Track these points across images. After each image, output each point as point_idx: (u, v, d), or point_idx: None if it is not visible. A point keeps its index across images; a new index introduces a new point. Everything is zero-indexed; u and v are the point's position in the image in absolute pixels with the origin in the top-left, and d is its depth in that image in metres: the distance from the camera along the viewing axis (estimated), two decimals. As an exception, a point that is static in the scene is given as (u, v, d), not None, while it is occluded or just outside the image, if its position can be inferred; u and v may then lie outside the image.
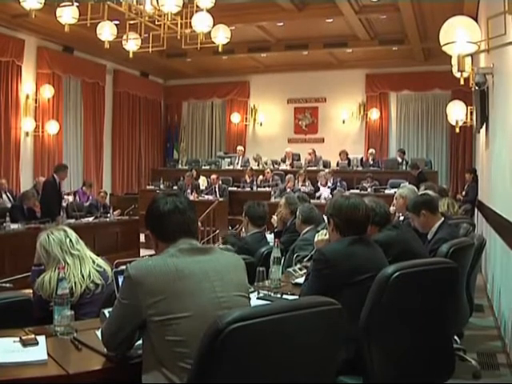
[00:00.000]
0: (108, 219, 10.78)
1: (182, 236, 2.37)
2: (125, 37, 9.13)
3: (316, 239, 4.04)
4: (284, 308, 1.98)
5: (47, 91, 13.52)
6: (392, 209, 6.11)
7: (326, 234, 3.89)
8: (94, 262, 3.58)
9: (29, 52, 13.16)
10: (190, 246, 2.34)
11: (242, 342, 1.85)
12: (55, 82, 13.88)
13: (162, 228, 2.42)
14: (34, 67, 13.49)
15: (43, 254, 3.52)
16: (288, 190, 12.64)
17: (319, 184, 12.94)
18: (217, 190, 13.75)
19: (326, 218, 3.45)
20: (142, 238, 11.68)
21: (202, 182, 14.65)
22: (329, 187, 13.22)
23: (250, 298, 2.42)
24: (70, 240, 3.56)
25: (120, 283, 2.58)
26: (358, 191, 12.56)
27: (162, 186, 14.45)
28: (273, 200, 12.24)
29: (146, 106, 17.62)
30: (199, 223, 7.73)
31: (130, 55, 9.35)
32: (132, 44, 9.25)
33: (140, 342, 2.32)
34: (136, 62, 13.59)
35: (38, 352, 2.43)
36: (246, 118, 17.74)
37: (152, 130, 17.93)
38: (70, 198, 12.67)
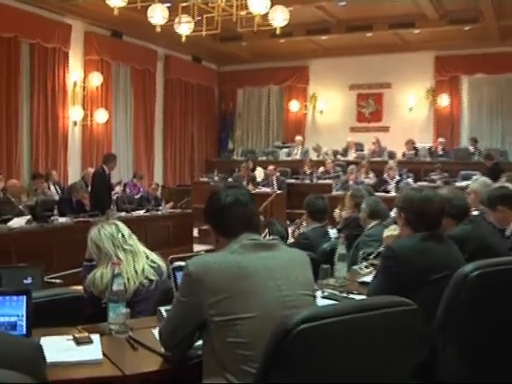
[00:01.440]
0: (160, 212, 10.92)
1: (244, 230, 2.36)
2: (177, 20, 9.20)
3: (385, 235, 3.99)
4: (356, 308, 1.96)
5: (95, 78, 13.75)
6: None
7: (395, 230, 3.83)
8: (147, 257, 3.61)
9: (76, 38, 13.39)
10: (253, 241, 2.32)
11: (312, 343, 1.83)
12: (104, 69, 14.10)
13: (222, 222, 2.41)
14: (82, 54, 13.72)
15: (94, 249, 3.57)
16: (350, 182, 12.53)
17: (386, 176, 12.75)
18: (274, 182, 13.75)
19: (395, 212, 3.40)
20: (196, 232, 11.80)
21: (259, 173, 14.67)
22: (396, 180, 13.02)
23: (315, 297, 2.40)
24: (123, 235, 3.60)
25: (178, 280, 2.59)
26: (425, 184, 12.33)
27: (216, 178, 14.56)
28: (334, 193, 12.16)
29: (199, 94, 17.74)
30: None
31: (183, 39, 9.42)
32: (184, 27, 9.31)
33: (200, 342, 2.32)
34: (188, 46, 13.67)
35: (93, 351, 2.47)
36: (305, 106, 17.65)
37: (205, 118, 18.05)
38: (119, 190, 12.90)
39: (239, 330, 2.12)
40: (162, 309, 2.82)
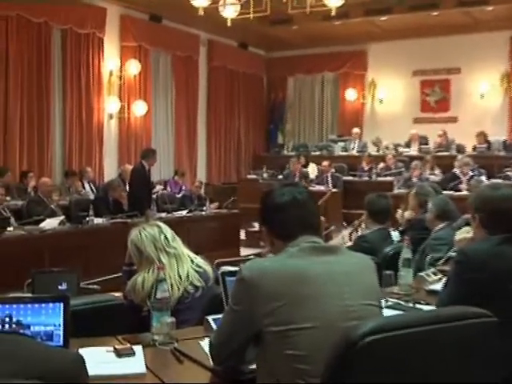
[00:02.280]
0: (204, 213, 10.99)
1: (303, 233, 2.34)
2: (221, 2, 9.24)
3: (457, 238, 3.94)
4: (426, 320, 1.94)
5: (133, 67, 13.89)
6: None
7: (468, 232, 3.78)
8: (192, 261, 3.63)
9: (111, 22, 13.54)
10: (313, 244, 2.31)
11: (378, 357, 1.83)
12: (142, 56, 14.25)
13: (278, 223, 2.41)
14: (118, 40, 13.89)
15: (135, 252, 3.60)
16: (414, 179, 12.39)
17: (459, 172, 12.52)
18: (329, 179, 13.71)
19: (468, 213, 3.35)
20: (243, 234, 11.85)
21: (312, 170, 14.64)
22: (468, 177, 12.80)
23: (382, 308, 2.38)
24: (165, 237, 3.63)
25: (228, 286, 2.60)
26: (500, 181, 12.10)
27: (264, 175, 14.58)
28: (395, 191, 12.05)
29: (246, 83, 17.80)
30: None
31: (228, 23, 9.46)
32: (230, 10, 9.35)
33: (253, 354, 2.32)
34: (234, 30, 13.68)
35: (135, 363, 2.49)
36: (363, 95, 17.55)
37: (253, 110, 18.11)
38: (160, 189, 13.03)
39: (297, 341, 2.11)
40: (210, 318, 2.83)
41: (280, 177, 14.35)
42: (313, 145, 16.94)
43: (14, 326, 2.45)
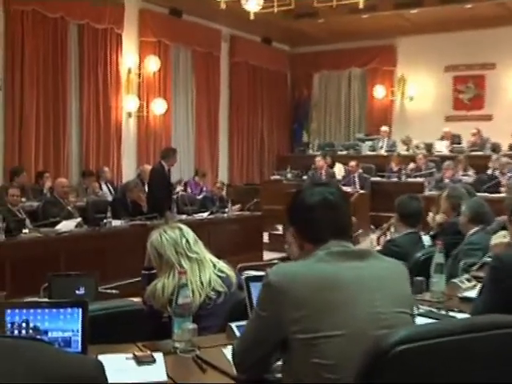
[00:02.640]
0: (225, 215, 11.01)
1: (333, 237, 2.33)
2: (245, -5, 9.25)
3: (492, 242, 3.91)
4: (461, 328, 1.92)
5: (152, 63, 13.95)
6: None
7: (505, 237, 3.75)
8: (214, 265, 3.64)
9: (130, 17, 13.61)
10: (343, 248, 2.30)
11: (410, 367, 1.82)
12: (161, 53, 14.30)
13: (307, 226, 2.39)
14: (137, 35, 13.95)
15: (155, 256, 3.61)
16: (446, 180, 12.33)
17: (498, 173, 12.40)
18: (356, 180, 13.67)
19: (504, 215, 3.32)
20: (266, 237, 11.86)
21: (338, 170, 14.62)
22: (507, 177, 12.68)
23: (414, 317, 2.36)
24: (187, 240, 3.64)
25: (252, 292, 2.60)
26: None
27: (288, 176, 14.61)
28: (426, 193, 11.99)
29: (269, 79, 17.82)
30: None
31: (251, 17, 9.46)
32: (253, 3, 9.37)
33: (279, 363, 2.32)
34: (257, 25, 13.71)
35: (156, 372, 2.50)
36: (392, 92, 17.49)
37: (276, 108, 18.13)
38: (181, 190, 13.05)
39: (324, 349, 2.10)
40: (234, 325, 2.84)
41: (305, 177, 14.34)
42: (339, 144, 16.90)
43: (30, 331, 2.48)
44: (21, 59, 11.52)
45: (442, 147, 15.03)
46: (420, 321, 3.18)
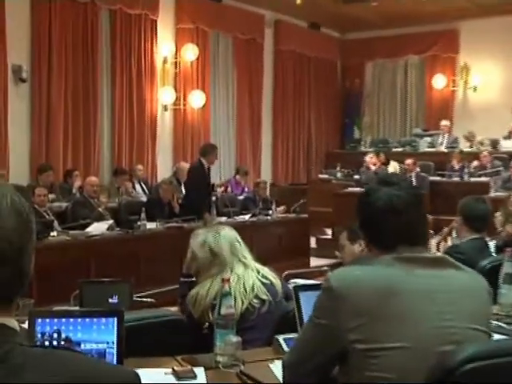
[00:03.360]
0: (269, 217, 11.02)
1: (403, 243, 2.31)
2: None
3: None
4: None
5: (190, 52, 13.99)
6: None
7: None
8: (258, 272, 3.64)
9: (165, 2, 13.68)
10: (413, 254, 2.28)
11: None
12: (200, 40, 14.35)
13: (372, 231, 2.40)
14: (173, 21, 14.03)
15: (206, 256, 3.62)
16: (514, 180, 12.18)
17: None
18: (413, 179, 13.52)
19: None
20: (313, 242, 11.84)
21: (393, 169, 14.51)
22: None
23: (490, 335, 2.32)
24: (239, 242, 3.68)
25: (302, 303, 2.59)
26: None
27: (338, 175, 14.57)
28: (492, 194, 11.85)
29: (317, 69, 17.79)
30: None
31: (297, 1, 9.44)
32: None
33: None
34: (304, 9, 13.73)
35: (197, 388, 2.52)
36: (454, 82, 17.33)
37: (325, 100, 18.09)
38: (220, 191, 13.09)
39: (384, 362, 2.10)
40: (281, 338, 2.84)
41: (356, 177, 14.28)
42: (394, 140, 16.81)
43: (62, 342, 2.50)
44: (48, 49, 11.60)
45: (510, 143, 14.84)
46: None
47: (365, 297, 2.16)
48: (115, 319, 2.55)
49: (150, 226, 9.12)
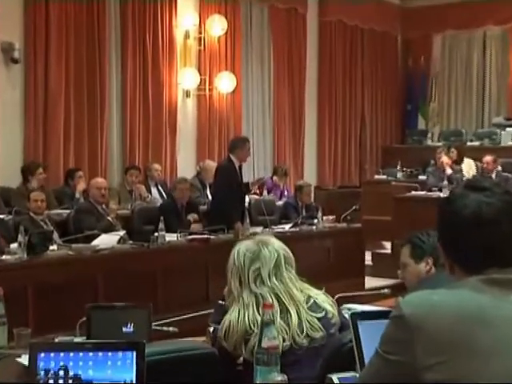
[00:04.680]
0: (314, 227, 10.97)
1: (493, 262, 2.29)
2: None
3: None
4: None
5: (216, 26, 13.99)
6: None
7: None
8: (307, 299, 3.60)
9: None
10: (507, 276, 2.25)
11: None
12: (228, 11, 14.35)
13: (455, 247, 2.36)
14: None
15: (246, 271, 3.61)
16: None
17: None
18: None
19: None
20: (368, 257, 11.79)
21: (467, 167, 14.39)
22: None
23: None
24: (288, 261, 3.66)
25: (361, 334, 2.59)
26: None
27: (399, 175, 14.50)
28: None
29: (373, 44, 17.77)
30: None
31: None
32: None
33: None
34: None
35: None
36: (544, 58, 17.20)
37: (383, 82, 18.06)
38: (254, 190, 13.04)
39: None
40: (335, 377, 2.84)
41: (422, 177, 14.19)
42: (469, 132, 16.71)
43: (70, 381, 2.52)
44: (45, 24, 11.60)
45: None
46: None
47: (446, 327, 2.14)
48: (134, 353, 2.56)
49: (170, 237, 9.10)
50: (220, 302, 3.83)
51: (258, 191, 13.28)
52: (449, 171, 13.45)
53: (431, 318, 2.16)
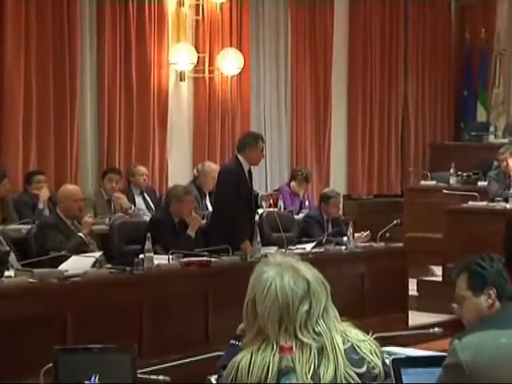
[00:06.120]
0: (343, 248, 11.01)
1: None
2: None
3: None
4: None
5: (218, -9, 14.08)
6: None
7: None
8: (349, 347, 3.57)
9: None
10: None
11: None
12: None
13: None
14: None
15: (268, 308, 3.57)
16: None
17: None
18: None
19: None
20: (413, 286, 11.76)
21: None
22: None
23: None
24: (322, 293, 3.61)
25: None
26: None
27: (452, 181, 14.45)
28: None
29: (419, 13, 17.79)
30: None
31: None
32: None
33: None
34: None
35: None
36: None
37: (431, 61, 18.07)
38: (266, 204, 13.04)
39: None
40: None
41: (482, 183, 14.16)
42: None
43: None
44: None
45: None
46: None
47: (508, 373, 2.15)
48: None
49: (159, 260, 9.09)
50: (232, 341, 3.80)
51: (271, 202, 13.23)
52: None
53: (498, 367, 2.16)
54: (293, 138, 15.65)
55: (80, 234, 9.58)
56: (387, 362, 3.32)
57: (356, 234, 11.41)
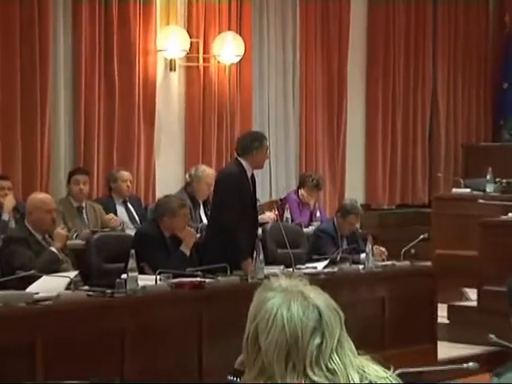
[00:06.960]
0: (361, 267, 11.01)
1: None
2: None
3: None
4: None
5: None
6: None
7: None
8: (363, 382, 3.56)
9: None
10: None
11: None
12: None
13: None
14: None
15: (275, 350, 3.54)
16: None
17: None
18: None
19: None
20: (443, 312, 11.75)
21: None
22: None
23: None
24: (328, 325, 3.58)
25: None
26: None
27: (489, 188, 14.45)
28: None
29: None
30: None
31: None
32: None
33: None
34: None
35: None
36: None
37: (464, 52, 18.12)
38: (269, 215, 13.05)
39: None
40: None
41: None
42: None
43: None
44: None
45: None
46: None
47: None
48: None
49: (145, 281, 9.06)
50: (230, 377, 3.80)
51: (275, 211, 13.23)
52: None
53: None
54: (302, 137, 15.68)
55: (52, 249, 9.51)
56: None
57: (376, 251, 11.39)
